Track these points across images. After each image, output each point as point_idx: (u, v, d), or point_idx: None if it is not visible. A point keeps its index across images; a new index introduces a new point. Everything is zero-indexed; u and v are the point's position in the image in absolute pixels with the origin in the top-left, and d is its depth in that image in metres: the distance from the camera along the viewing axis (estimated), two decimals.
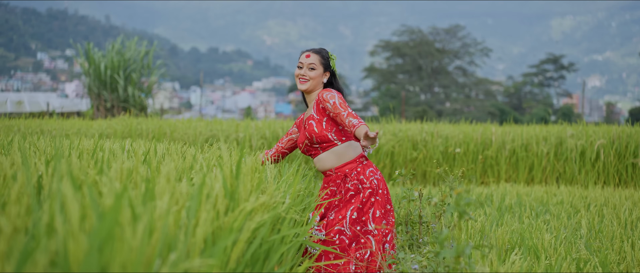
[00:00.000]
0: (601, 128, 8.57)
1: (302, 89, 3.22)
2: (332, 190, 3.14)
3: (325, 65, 3.23)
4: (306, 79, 3.20)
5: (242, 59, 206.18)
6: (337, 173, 3.15)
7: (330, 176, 3.17)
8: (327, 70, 3.24)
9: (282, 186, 2.76)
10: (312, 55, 3.21)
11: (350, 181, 3.11)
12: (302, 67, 3.20)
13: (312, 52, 3.23)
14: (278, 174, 3.37)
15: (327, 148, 3.15)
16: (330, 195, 3.14)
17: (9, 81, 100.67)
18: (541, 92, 52.48)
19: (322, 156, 3.16)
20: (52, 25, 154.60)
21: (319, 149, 3.16)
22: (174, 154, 2.81)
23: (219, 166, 2.04)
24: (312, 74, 3.18)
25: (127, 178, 1.91)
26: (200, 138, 8.08)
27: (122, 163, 2.05)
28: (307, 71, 3.19)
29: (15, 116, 12.27)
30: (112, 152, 3.19)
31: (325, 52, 3.27)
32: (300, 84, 3.22)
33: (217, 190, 1.95)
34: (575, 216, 4.77)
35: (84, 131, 7.82)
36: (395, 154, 8.48)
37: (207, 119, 11.97)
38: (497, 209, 5.21)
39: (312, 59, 3.20)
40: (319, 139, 3.13)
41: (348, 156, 3.15)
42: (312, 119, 3.16)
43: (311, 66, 3.19)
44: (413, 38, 48.63)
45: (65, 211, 1.23)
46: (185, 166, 2.70)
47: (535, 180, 8.38)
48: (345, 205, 3.07)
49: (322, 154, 3.16)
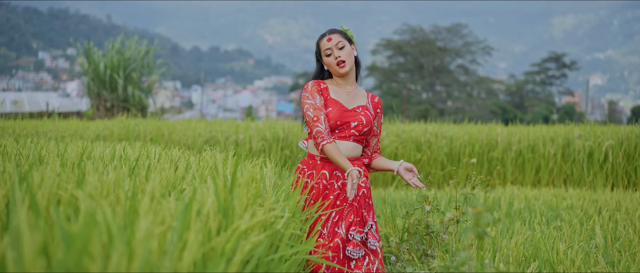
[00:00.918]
0: (609, 128, 8.37)
1: (345, 72, 2.95)
2: (324, 185, 2.94)
3: (347, 39, 3.00)
4: (344, 61, 2.93)
5: (244, 58, 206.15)
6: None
7: (310, 159, 2.99)
8: (351, 43, 3.01)
9: (282, 197, 2.57)
10: (333, 36, 2.97)
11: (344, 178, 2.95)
12: (331, 52, 2.94)
13: (330, 34, 2.99)
14: (279, 181, 3.18)
15: (356, 141, 2.96)
16: (321, 191, 2.93)
17: (10, 80, 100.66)
18: (543, 90, 52.31)
19: (346, 144, 2.95)
20: (54, 25, 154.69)
21: (350, 138, 2.95)
22: (165, 162, 2.63)
23: (212, 178, 1.85)
24: (345, 53, 2.93)
25: (107, 196, 1.72)
26: (200, 140, 7.90)
27: (104, 174, 1.87)
28: (338, 51, 2.93)
29: (12, 117, 12.09)
30: (101, 159, 3.00)
31: (341, 30, 3.05)
32: (340, 69, 2.93)
33: (209, 205, 1.76)
34: (588, 222, 4.58)
35: (81, 132, 7.64)
36: (398, 156, 8.28)
37: (207, 119, 11.82)
38: (505, 214, 5.02)
39: (336, 38, 2.96)
40: (367, 132, 2.94)
41: (358, 154, 3.01)
42: (368, 111, 2.98)
43: (339, 45, 2.94)
44: (415, 37, 48.45)
45: (21, 245, 1.05)
46: (178, 176, 2.51)
47: (542, 182, 8.18)
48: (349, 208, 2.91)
49: (348, 142, 2.95)
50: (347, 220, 2.87)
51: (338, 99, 2.98)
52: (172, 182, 2.35)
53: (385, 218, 4.05)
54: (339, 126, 2.92)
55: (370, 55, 50.15)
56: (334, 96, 2.98)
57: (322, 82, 2.99)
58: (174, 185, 2.32)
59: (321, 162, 2.98)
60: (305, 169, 3.01)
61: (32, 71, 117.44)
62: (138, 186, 2.08)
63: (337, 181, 2.94)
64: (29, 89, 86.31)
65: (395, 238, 3.73)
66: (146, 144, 6.77)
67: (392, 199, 5.63)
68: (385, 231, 3.95)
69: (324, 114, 2.87)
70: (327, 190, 2.94)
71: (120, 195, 1.73)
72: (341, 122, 2.91)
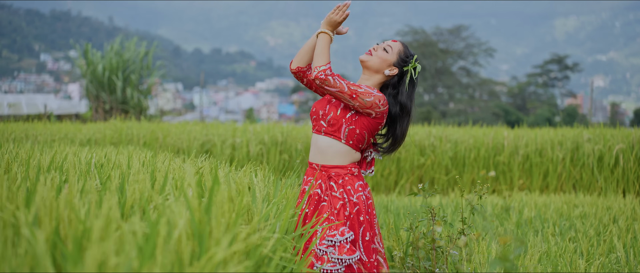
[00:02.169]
0: (619, 131, 8.08)
1: (362, 59, 2.76)
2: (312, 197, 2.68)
3: (400, 61, 2.75)
4: (370, 52, 2.75)
5: (245, 60, 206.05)
6: (322, 171, 2.70)
7: (313, 170, 2.73)
8: (397, 67, 2.75)
9: (273, 212, 2.29)
10: (397, 43, 2.78)
11: (337, 189, 2.66)
12: (379, 45, 2.78)
13: (399, 41, 2.81)
14: (274, 189, 2.89)
15: (331, 134, 2.69)
16: (315, 203, 2.68)
17: (12, 83, 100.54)
18: (545, 92, 52.02)
19: (322, 141, 2.70)
20: (56, 27, 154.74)
21: (323, 130, 2.70)
22: (142, 173, 2.34)
23: (185, 196, 1.58)
24: (380, 54, 2.73)
25: (57, 219, 1.44)
26: (195, 143, 7.61)
27: (55, 190, 1.59)
28: (379, 47, 2.76)
29: (6, 119, 11.84)
30: (74, 168, 2.72)
31: (409, 52, 2.79)
32: (364, 55, 2.76)
33: (182, 227, 1.49)
34: (604, 233, 4.30)
35: (72, 136, 7.36)
36: (401, 160, 8.00)
37: (206, 121, 11.54)
38: (515, 224, 4.74)
39: (394, 45, 2.76)
40: (333, 121, 2.67)
41: (342, 160, 2.70)
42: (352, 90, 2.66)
43: (387, 49, 2.75)
44: (416, 38, 48.19)
45: None
46: (155, 188, 2.23)
47: (550, 187, 7.89)
48: (338, 219, 2.63)
49: (323, 138, 2.70)
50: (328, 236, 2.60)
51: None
52: (148, 196, 2.07)
53: (388, 229, 3.77)
54: (311, 117, 2.79)
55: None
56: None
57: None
58: (149, 198, 2.05)
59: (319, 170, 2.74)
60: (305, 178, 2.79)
61: (34, 73, 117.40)
62: (104, 201, 1.80)
63: (332, 190, 2.68)
64: (31, 91, 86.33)
65: (399, 252, 3.45)
66: (138, 148, 6.49)
67: (395, 207, 5.35)
68: (388, 244, 3.67)
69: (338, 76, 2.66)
70: (324, 201, 2.68)
71: (72, 218, 1.45)
72: (311, 112, 2.80)
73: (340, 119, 2.65)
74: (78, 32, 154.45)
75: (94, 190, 1.97)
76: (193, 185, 1.64)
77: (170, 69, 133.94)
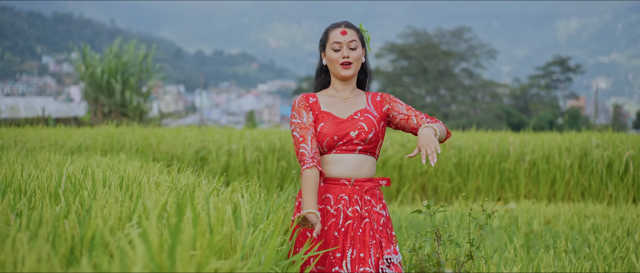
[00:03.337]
0: (630, 137, 7.81)
1: (348, 76, 2.47)
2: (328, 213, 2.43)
3: (362, 42, 2.52)
4: (350, 63, 2.45)
5: (247, 62, 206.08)
6: (355, 185, 2.43)
7: (343, 187, 2.43)
8: (364, 46, 2.54)
9: (259, 239, 2.03)
10: (348, 31, 2.47)
11: (377, 204, 2.44)
12: (341, 48, 2.45)
13: (347, 28, 2.48)
14: (263, 210, 2.62)
15: (364, 152, 2.46)
16: (358, 220, 2.43)
17: (14, 85, 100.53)
18: (548, 94, 51.80)
19: (351, 159, 2.44)
20: (57, 29, 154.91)
21: (355, 151, 2.45)
22: (112, 197, 2.08)
23: (144, 235, 1.31)
24: (355, 55, 2.46)
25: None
26: (190, 150, 7.35)
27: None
28: (349, 51, 2.45)
29: (2, 123, 11.62)
30: (42, 188, 2.46)
31: (357, 26, 2.55)
32: (343, 70, 2.45)
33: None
34: (620, 248, 4.03)
35: (62, 142, 7.11)
36: (403, 167, 7.73)
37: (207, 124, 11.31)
38: (524, 237, 4.48)
39: (351, 35, 2.46)
40: (374, 139, 2.44)
41: (373, 172, 2.52)
42: (370, 114, 2.48)
43: (352, 45, 2.46)
44: (418, 40, 47.98)
45: None
46: (123, 213, 1.97)
47: (557, 195, 7.62)
48: (383, 236, 2.40)
49: (353, 156, 2.45)
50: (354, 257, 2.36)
51: (331, 110, 2.46)
52: (112, 225, 1.81)
53: None
54: (337, 140, 2.41)
55: (374, 59, 49.66)
56: (325, 109, 2.46)
57: (311, 96, 2.48)
58: (112, 229, 1.78)
59: (324, 184, 2.45)
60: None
61: (36, 76, 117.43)
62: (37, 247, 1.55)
63: (346, 207, 2.41)
64: (33, 93, 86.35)
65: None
66: (130, 156, 6.24)
67: (397, 218, 5.09)
68: None
69: (312, 134, 2.38)
70: (332, 218, 2.42)
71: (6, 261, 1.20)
72: (339, 136, 2.40)
73: (379, 134, 2.48)
74: (80, 34, 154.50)
75: (50, 221, 1.72)
76: (153, 220, 1.38)
77: (172, 71, 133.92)
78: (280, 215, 2.41)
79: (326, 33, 2.52)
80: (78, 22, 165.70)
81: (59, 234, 1.58)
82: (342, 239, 2.36)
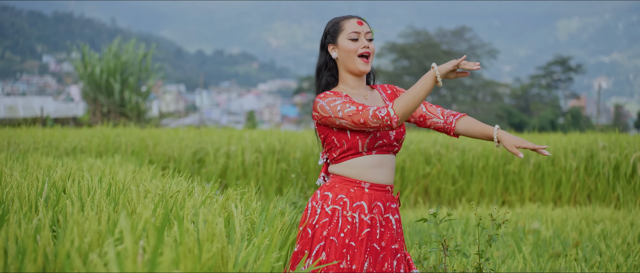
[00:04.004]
0: (636, 138, 7.65)
1: (365, 70, 2.24)
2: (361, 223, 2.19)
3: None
4: (368, 54, 2.25)
5: (248, 62, 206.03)
6: (388, 192, 2.28)
7: (386, 194, 2.25)
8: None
9: (252, 256, 1.87)
10: (364, 23, 2.29)
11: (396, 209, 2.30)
12: (359, 38, 2.23)
13: (361, 19, 2.31)
14: (259, 220, 2.46)
15: (396, 153, 2.31)
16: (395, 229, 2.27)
17: (15, 84, 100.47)
18: (549, 94, 51.72)
19: (391, 161, 2.28)
20: (58, 28, 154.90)
21: (392, 152, 2.27)
22: (95, 207, 1.92)
23: (119, 257, 1.16)
24: (372, 47, 2.26)
25: None
26: (187, 152, 7.19)
27: None
28: (368, 42, 2.25)
29: (3, 123, 11.46)
30: (19, 197, 2.30)
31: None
32: (362, 64, 2.22)
33: None
34: (634, 256, 3.87)
35: (56, 144, 6.95)
36: (406, 170, 7.57)
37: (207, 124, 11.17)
38: (532, 245, 4.32)
39: (367, 27, 2.28)
40: (402, 139, 2.28)
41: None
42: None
43: (369, 36, 2.26)
44: (419, 40, 47.87)
45: None
46: (106, 226, 1.81)
47: (563, 198, 7.45)
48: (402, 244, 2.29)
49: (392, 156, 2.28)
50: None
51: None
52: (90, 241, 1.65)
53: None
54: (379, 139, 2.19)
55: (375, 58, 49.49)
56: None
57: (337, 93, 2.22)
58: (90, 245, 1.62)
59: (358, 188, 2.18)
60: (329, 196, 2.21)
61: (36, 75, 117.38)
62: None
63: (381, 214, 2.21)
64: (33, 93, 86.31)
65: None
66: (125, 158, 6.09)
67: None
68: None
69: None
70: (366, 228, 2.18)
71: None
72: (381, 134, 2.20)
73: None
74: (81, 33, 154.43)
75: (21, 237, 1.56)
76: (128, 242, 1.22)
77: (173, 70, 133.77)
78: (278, 225, 2.24)
79: (337, 23, 2.29)
80: (79, 22, 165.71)
81: (28, 252, 1.43)
82: (385, 251, 2.19)
